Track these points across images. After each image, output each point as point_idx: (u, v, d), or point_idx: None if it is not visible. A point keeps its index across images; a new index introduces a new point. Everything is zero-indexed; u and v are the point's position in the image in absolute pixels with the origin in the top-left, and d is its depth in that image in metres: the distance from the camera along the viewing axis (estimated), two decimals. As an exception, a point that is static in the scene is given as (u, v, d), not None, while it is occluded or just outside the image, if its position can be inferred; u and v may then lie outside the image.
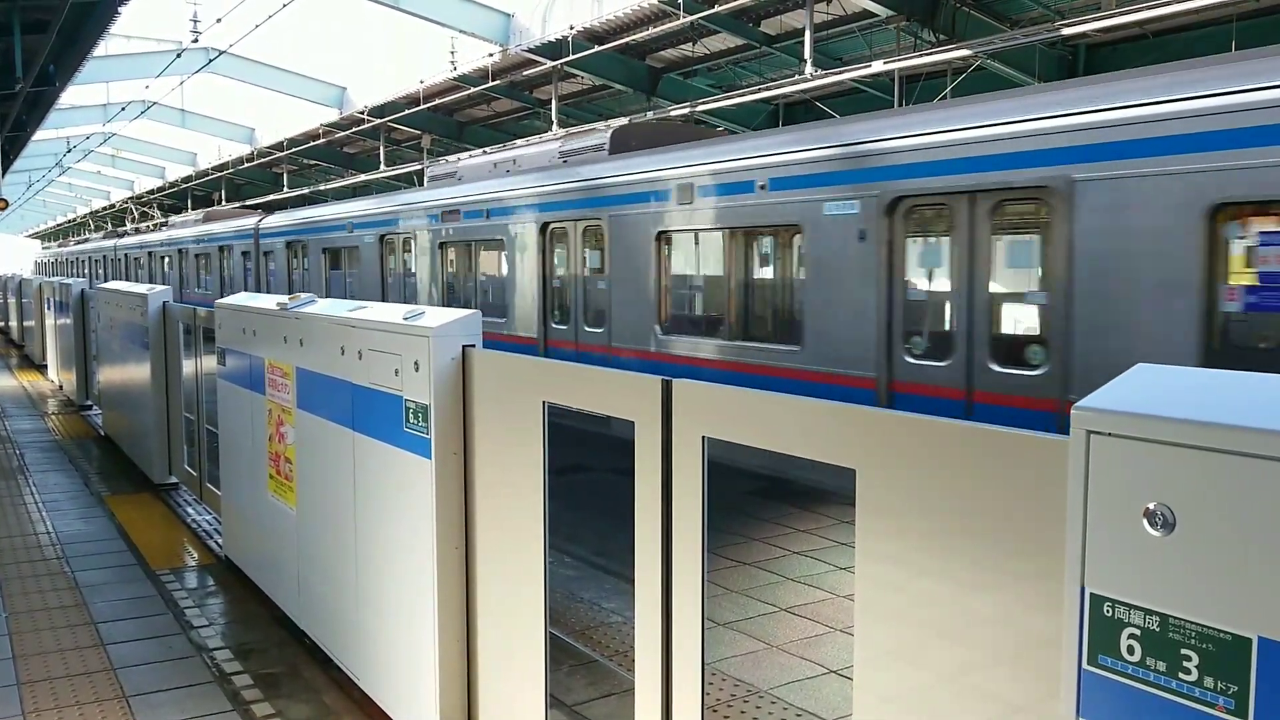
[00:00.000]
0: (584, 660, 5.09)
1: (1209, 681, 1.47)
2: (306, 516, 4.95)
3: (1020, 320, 7.13)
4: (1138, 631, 1.55)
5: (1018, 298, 7.07)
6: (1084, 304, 6.15)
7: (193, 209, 45.02)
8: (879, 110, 12.30)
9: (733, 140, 9.86)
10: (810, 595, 6.14)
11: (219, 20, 17.45)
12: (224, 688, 4.58)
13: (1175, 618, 1.51)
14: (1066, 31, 12.81)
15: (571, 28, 17.51)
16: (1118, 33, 14.24)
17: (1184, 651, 1.49)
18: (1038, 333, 6.70)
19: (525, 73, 20.32)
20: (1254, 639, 1.42)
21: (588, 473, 7.90)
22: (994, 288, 6.87)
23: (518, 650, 3.50)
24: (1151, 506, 1.52)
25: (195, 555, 6.78)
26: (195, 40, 20.30)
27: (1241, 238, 5.63)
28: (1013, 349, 6.82)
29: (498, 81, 21.03)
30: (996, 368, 6.71)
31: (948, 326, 7.20)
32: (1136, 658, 1.55)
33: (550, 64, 18.58)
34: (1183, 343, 5.67)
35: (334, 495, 4.56)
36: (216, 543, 6.91)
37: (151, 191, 46.68)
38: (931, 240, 7.51)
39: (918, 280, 7.55)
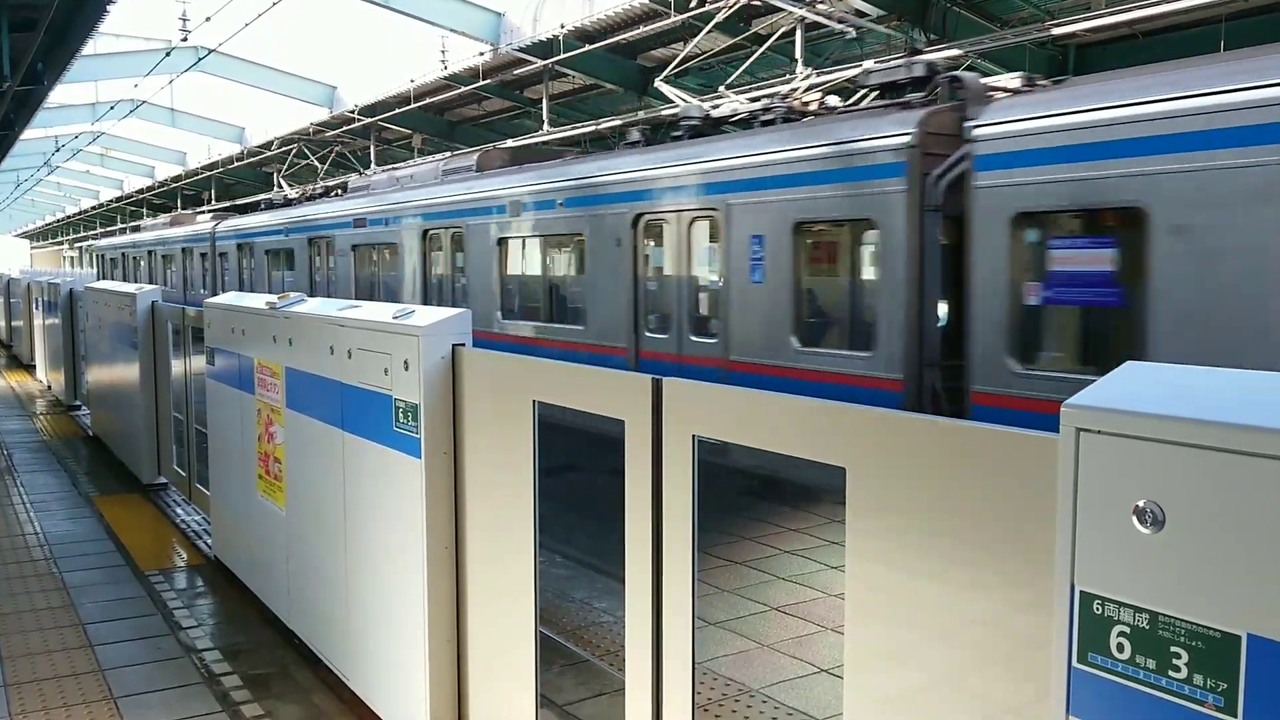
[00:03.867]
0: (575, 660, 5.08)
1: (1198, 679, 1.47)
2: (296, 517, 4.93)
3: None
4: (1127, 629, 1.55)
5: None
6: None
7: (182, 208, 44.86)
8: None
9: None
10: (801, 594, 6.14)
11: (208, 19, 17.38)
12: (213, 689, 4.56)
13: (1165, 615, 1.50)
14: (1056, 31, 12.85)
15: (562, 26, 17.49)
16: (1107, 33, 14.28)
17: (1174, 649, 1.49)
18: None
19: (516, 72, 20.29)
20: (1243, 636, 1.42)
21: (580, 472, 7.89)
22: None
23: (508, 650, 3.48)
24: (1141, 504, 1.52)
25: (184, 556, 6.75)
26: (184, 39, 20.20)
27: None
28: None
29: (489, 81, 21.00)
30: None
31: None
32: (1126, 655, 1.55)
33: (541, 63, 18.55)
34: None
35: (323, 495, 4.55)
36: (206, 543, 6.88)
37: (141, 191, 46.49)
38: None
39: None
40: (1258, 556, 1.40)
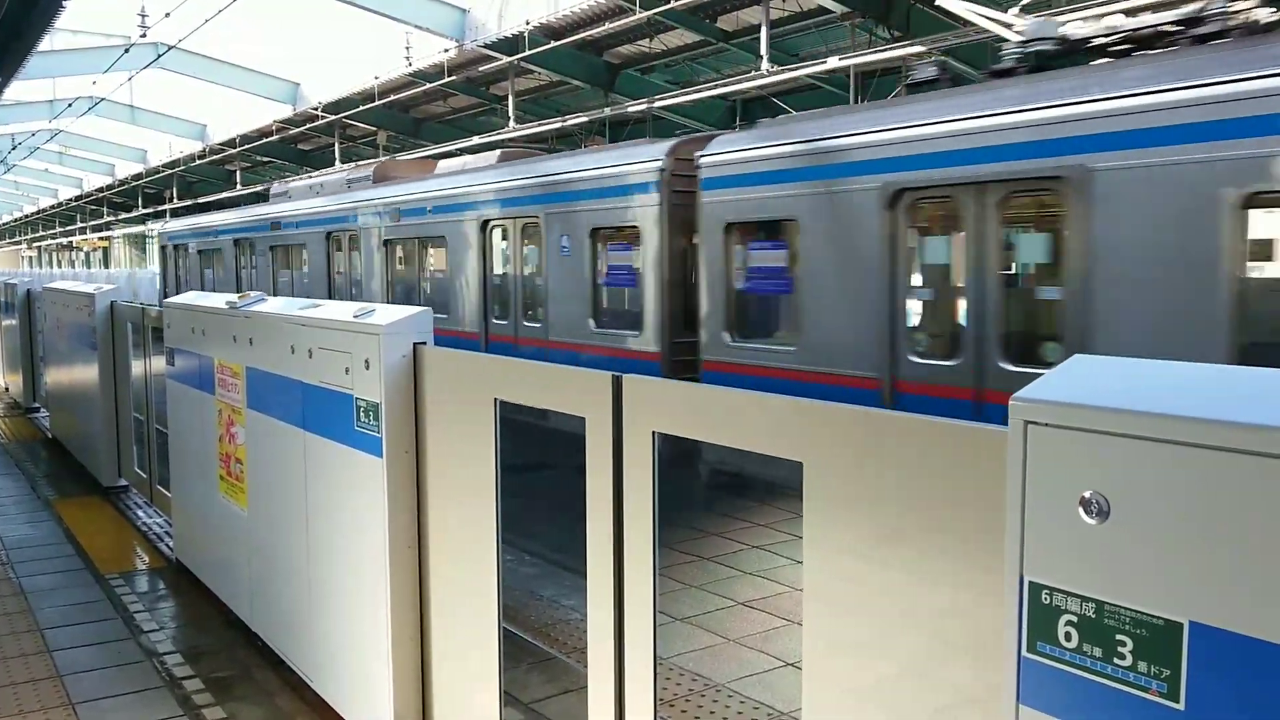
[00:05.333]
0: (542, 657, 5.08)
1: (1143, 666, 1.49)
2: (258, 517, 4.88)
3: None
4: (1074, 618, 1.57)
5: None
6: None
7: (143, 207, 44.18)
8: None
9: None
10: (768, 589, 6.17)
11: (167, 15, 17.14)
12: (174, 692, 4.51)
13: (1110, 604, 1.53)
14: (1017, 28, 12.96)
15: (528, 23, 17.43)
16: (1067, 30, 14.42)
17: (1119, 637, 1.51)
18: None
19: (482, 69, 20.20)
20: (1185, 624, 1.44)
21: (550, 469, 7.88)
22: None
23: (472, 648, 3.48)
24: (1087, 495, 1.54)
25: (145, 559, 6.67)
26: (143, 35, 19.90)
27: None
28: None
29: (454, 77, 20.88)
30: None
31: None
32: (1073, 644, 1.57)
33: (507, 60, 18.48)
34: None
35: (285, 495, 4.51)
36: (167, 546, 6.80)
37: (101, 189, 45.82)
38: None
39: None
40: (1199, 545, 1.43)
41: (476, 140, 21.33)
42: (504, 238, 11.16)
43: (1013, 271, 6.64)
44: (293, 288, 15.92)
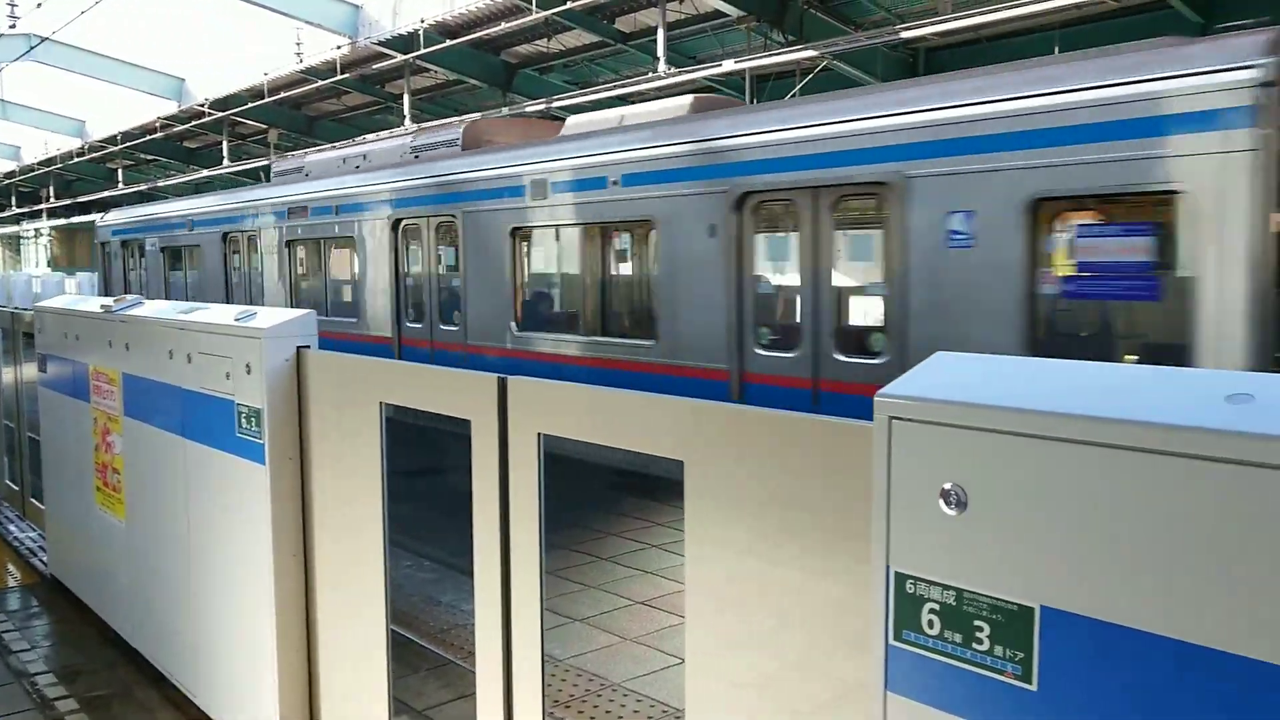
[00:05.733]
0: (438, 663, 5.02)
1: (999, 650, 1.55)
2: (137, 529, 4.70)
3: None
4: (937, 606, 1.62)
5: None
6: None
7: (18, 206, 42.08)
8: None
9: None
10: (666, 587, 6.21)
11: (39, 5, 16.36)
12: (46, 714, 4.30)
13: (969, 592, 1.59)
14: (906, 35, 13.36)
15: (422, 21, 17.20)
16: (954, 37, 14.93)
17: (977, 623, 1.57)
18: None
19: (376, 66, 19.85)
20: (1036, 609, 1.51)
21: (450, 473, 7.78)
22: None
23: (361, 656, 3.41)
24: (947, 487, 1.60)
25: (17, 575, 6.35)
26: (13, 26, 18.94)
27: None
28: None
29: (347, 75, 20.47)
30: None
31: None
32: (936, 631, 1.62)
33: (402, 58, 18.20)
34: None
35: (165, 506, 4.35)
36: (41, 560, 6.49)
37: (-30, 187, 43.45)
38: None
39: None
40: (1048, 533, 1.49)
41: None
42: (789, 218, 7.22)
43: None
44: (326, 302, 11.37)
